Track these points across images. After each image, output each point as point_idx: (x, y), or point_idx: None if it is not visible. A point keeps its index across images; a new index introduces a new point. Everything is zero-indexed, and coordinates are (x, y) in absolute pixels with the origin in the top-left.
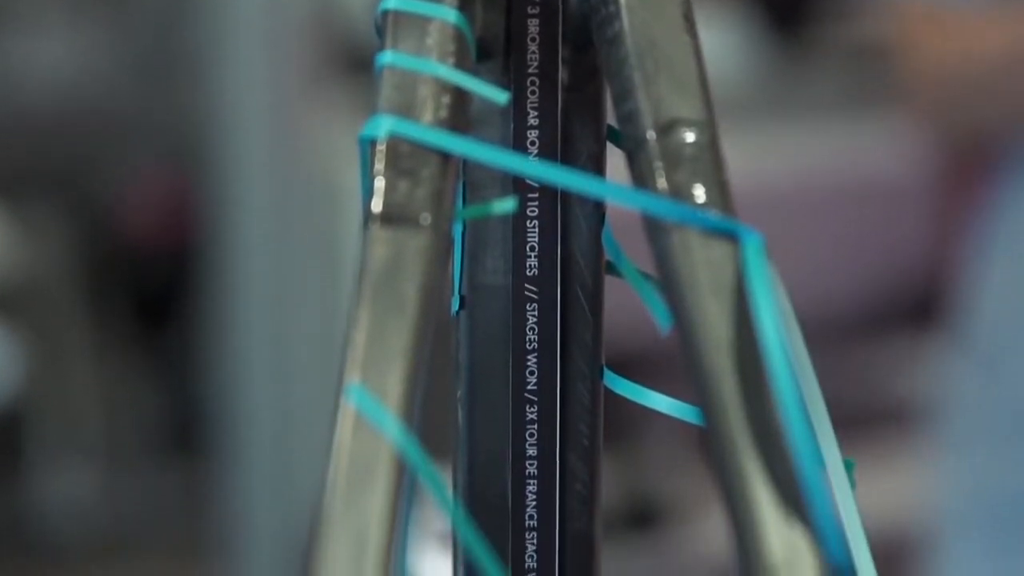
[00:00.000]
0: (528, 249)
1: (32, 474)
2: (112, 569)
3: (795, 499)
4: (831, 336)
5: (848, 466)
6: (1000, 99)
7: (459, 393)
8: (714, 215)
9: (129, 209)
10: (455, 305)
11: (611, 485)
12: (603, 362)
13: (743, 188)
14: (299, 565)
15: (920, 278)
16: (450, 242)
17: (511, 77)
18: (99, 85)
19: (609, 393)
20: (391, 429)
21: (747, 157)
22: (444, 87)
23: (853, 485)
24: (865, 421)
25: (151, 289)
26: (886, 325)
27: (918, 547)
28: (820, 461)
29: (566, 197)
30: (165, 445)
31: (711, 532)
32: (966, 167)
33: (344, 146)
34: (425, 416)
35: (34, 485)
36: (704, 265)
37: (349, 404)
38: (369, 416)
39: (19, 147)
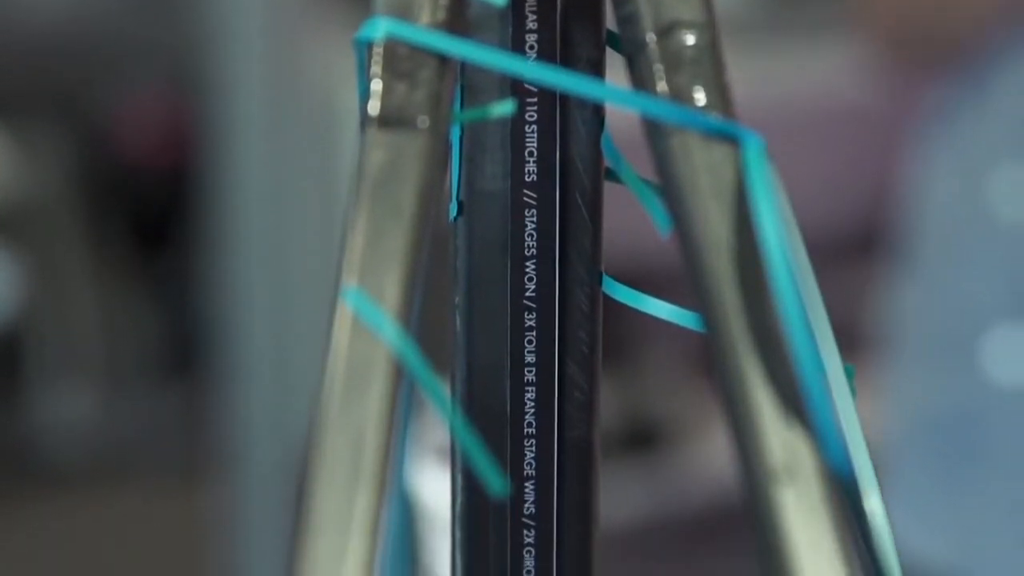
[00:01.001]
0: (527, 154)
1: (31, 395)
2: (111, 490)
3: (796, 403)
4: None
5: (848, 372)
6: (948, 15)
7: (457, 300)
8: (715, 118)
9: (127, 130)
10: (453, 211)
11: (610, 406)
12: (602, 268)
13: None
14: (297, 468)
15: (875, 202)
16: (448, 146)
17: None
18: (97, 5)
19: (610, 315)
20: (388, 332)
21: None
22: None
23: (853, 391)
24: None
25: (149, 210)
26: (843, 250)
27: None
28: (820, 366)
29: (565, 101)
30: (164, 366)
31: (710, 453)
32: (915, 87)
33: (342, 66)
34: (424, 324)
35: (33, 406)
36: (704, 168)
37: (346, 307)
38: (366, 319)
39: (17, 68)
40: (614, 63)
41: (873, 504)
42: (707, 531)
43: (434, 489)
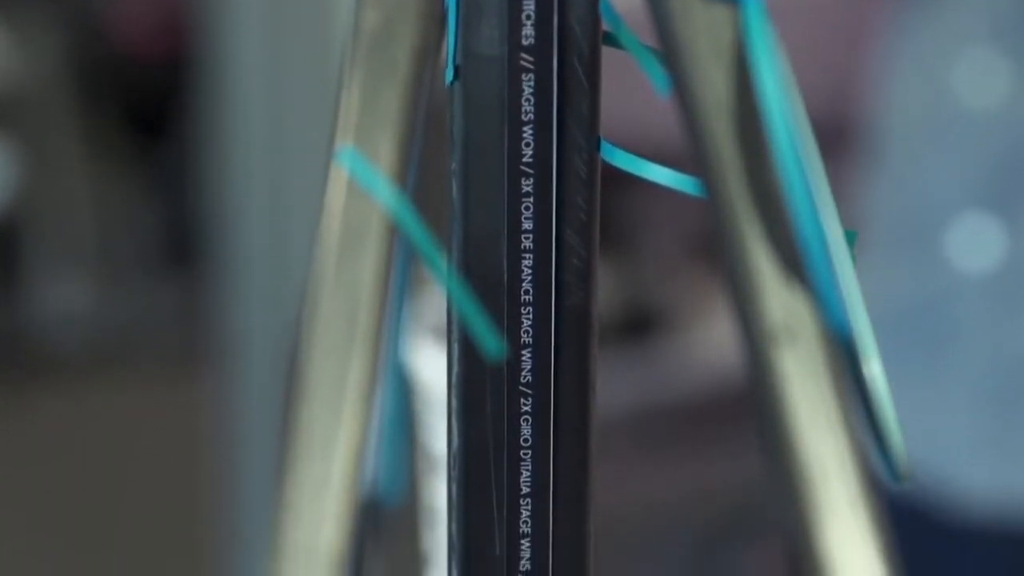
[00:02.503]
0: (524, 17)
1: (28, 285)
2: (109, 379)
3: (796, 265)
4: None
5: (849, 238)
6: None
7: (453, 166)
8: None
9: (124, 18)
10: (449, 75)
11: (607, 293)
12: (599, 134)
13: None
14: (294, 329)
15: (843, 94)
16: (443, 7)
17: None
18: None
19: (607, 201)
20: (383, 191)
21: None
22: None
23: (853, 257)
24: None
25: (146, 99)
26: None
27: None
28: (821, 229)
29: None
30: (160, 256)
31: (707, 340)
32: None
33: None
34: (421, 192)
35: (30, 296)
36: (704, 29)
37: (340, 168)
38: (361, 179)
39: None
40: None
41: (874, 369)
42: (703, 418)
43: (431, 368)
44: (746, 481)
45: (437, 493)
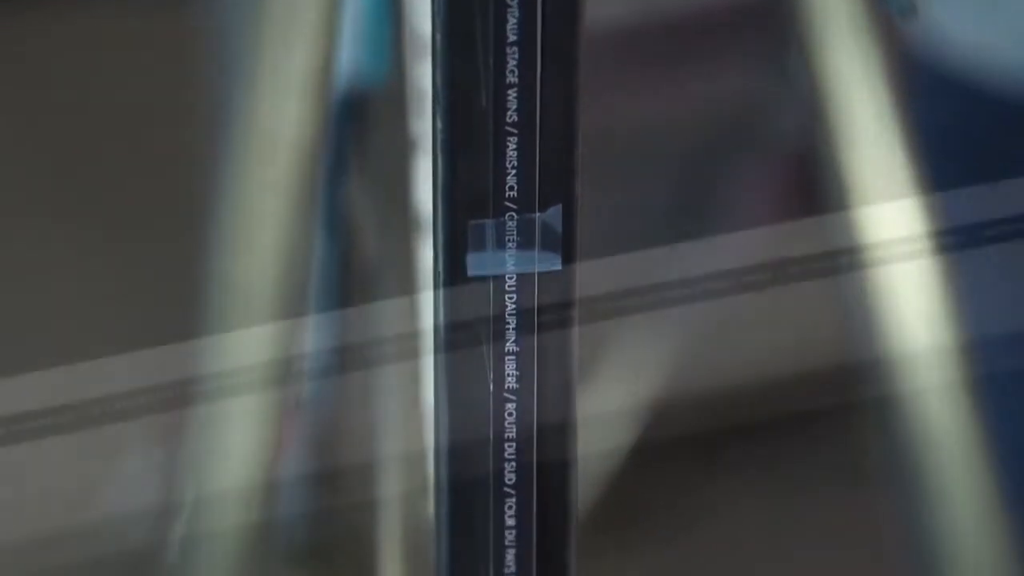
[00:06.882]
0: None
1: None
2: (95, 5)
3: None
4: None
5: None
6: None
7: None
8: None
9: None
10: None
11: None
12: None
13: None
14: None
15: None
16: None
17: None
18: None
19: None
20: None
21: None
22: None
23: None
24: None
25: None
26: None
27: None
28: None
29: None
30: None
31: None
32: None
33: None
34: None
35: None
36: None
37: None
38: None
39: None
40: None
41: None
42: (699, 32)
43: None
44: (743, 96)
45: (425, 76)
